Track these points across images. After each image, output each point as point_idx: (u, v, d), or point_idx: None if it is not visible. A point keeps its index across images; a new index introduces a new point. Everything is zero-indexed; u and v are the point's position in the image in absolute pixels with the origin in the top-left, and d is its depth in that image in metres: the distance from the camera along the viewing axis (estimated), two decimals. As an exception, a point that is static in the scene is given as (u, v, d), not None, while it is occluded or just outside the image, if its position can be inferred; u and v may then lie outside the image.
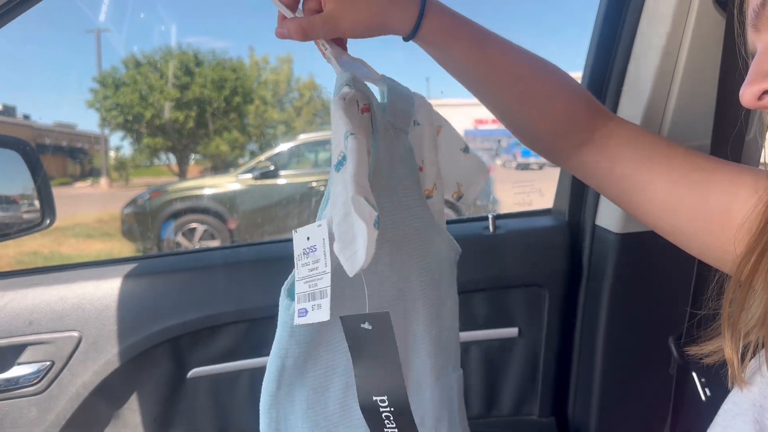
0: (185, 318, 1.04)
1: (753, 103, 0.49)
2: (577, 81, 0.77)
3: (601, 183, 0.74)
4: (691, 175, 0.64)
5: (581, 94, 0.74)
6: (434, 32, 0.68)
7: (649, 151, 0.68)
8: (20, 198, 1.20)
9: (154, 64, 11.29)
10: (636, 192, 0.69)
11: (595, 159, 0.72)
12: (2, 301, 0.98)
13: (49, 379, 0.99)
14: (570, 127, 0.72)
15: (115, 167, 11.41)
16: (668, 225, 0.67)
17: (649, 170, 0.67)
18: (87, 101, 11.02)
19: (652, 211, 0.68)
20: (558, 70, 0.74)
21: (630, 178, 0.69)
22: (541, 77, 0.72)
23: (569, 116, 0.72)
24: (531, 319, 1.20)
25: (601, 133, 0.72)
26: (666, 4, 0.93)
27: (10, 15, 0.78)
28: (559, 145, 0.74)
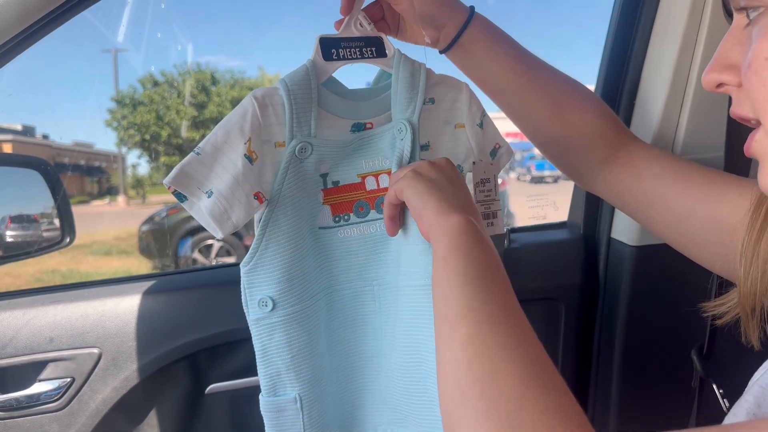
0: (203, 334, 1.05)
1: (711, 89, 0.49)
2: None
3: (623, 198, 0.76)
4: (704, 188, 0.67)
5: (608, 113, 0.77)
6: (479, 35, 0.72)
7: (668, 168, 0.71)
8: (40, 217, 1.23)
9: (171, 83, 11.45)
10: (654, 205, 0.71)
11: (619, 175, 0.75)
12: (24, 318, 1.00)
13: (70, 395, 1.00)
14: (597, 142, 0.75)
15: (133, 185, 11.54)
16: (682, 237, 0.70)
17: (666, 185, 0.70)
18: (105, 121, 11.19)
19: (667, 224, 0.71)
20: (586, 88, 0.77)
21: (650, 193, 0.71)
22: (572, 91, 0.75)
23: (597, 131, 0.75)
24: (548, 333, 1.20)
25: (626, 152, 0.75)
26: (677, 19, 0.94)
27: (29, 41, 0.80)
28: (585, 160, 0.76)
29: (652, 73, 1.01)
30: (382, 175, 0.73)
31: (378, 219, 0.73)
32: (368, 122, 0.72)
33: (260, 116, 0.65)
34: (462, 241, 0.55)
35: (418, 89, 0.71)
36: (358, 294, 0.74)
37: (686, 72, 0.95)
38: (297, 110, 0.66)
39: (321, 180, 0.71)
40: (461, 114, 0.76)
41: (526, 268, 1.17)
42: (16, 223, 1.62)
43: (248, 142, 0.64)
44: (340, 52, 0.70)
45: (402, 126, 0.70)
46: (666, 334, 1.09)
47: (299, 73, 0.67)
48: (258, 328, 0.69)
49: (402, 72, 0.71)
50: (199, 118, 10.96)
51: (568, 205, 1.25)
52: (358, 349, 0.76)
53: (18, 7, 0.70)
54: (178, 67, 11.95)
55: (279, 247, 0.67)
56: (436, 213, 0.58)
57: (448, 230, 0.56)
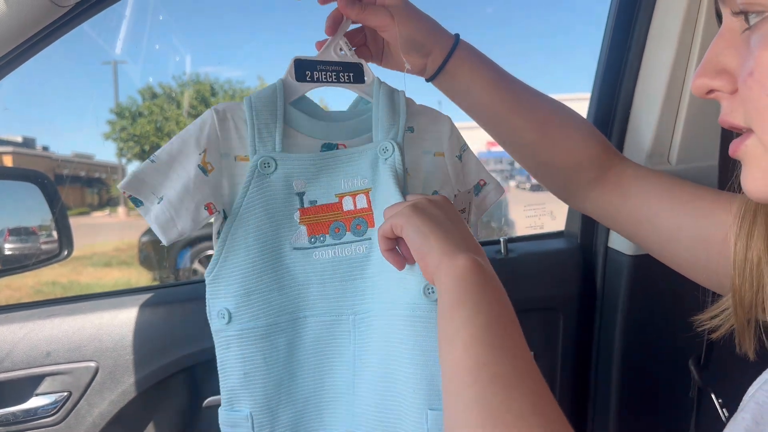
0: (200, 346, 1.04)
1: (701, 95, 0.48)
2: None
3: (612, 218, 0.76)
4: (692, 205, 0.67)
5: (595, 133, 0.78)
6: (466, 61, 0.72)
7: (656, 186, 0.71)
8: (39, 229, 1.23)
9: (170, 94, 11.48)
10: (643, 224, 0.72)
11: (608, 195, 0.75)
12: (21, 332, 1.00)
13: (67, 409, 0.99)
14: (585, 162, 0.75)
15: (133, 196, 11.54)
16: (673, 254, 0.70)
17: (654, 203, 0.70)
18: (104, 133, 11.21)
19: (657, 241, 0.71)
20: (572, 110, 0.77)
21: (639, 211, 0.72)
22: (558, 114, 0.76)
23: (585, 151, 0.75)
24: (546, 343, 1.19)
25: (614, 171, 0.75)
26: (672, 27, 0.94)
27: (29, 53, 0.81)
28: (574, 180, 0.77)
29: (648, 80, 1.01)
30: (359, 195, 0.71)
31: (354, 241, 0.71)
32: (340, 143, 0.72)
33: (218, 129, 0.67)
34: (471, 286, 0.52)
35: (399, 114, 0.71)
36: (333, 322, 0.71)
37: (681, 79, 0.96)
38: (259, 125, 0.67)
39: (298, 199, 0.70)
40: (441, 144, 0.76)
41: (523, 278, 1.17)
42: (14, 235, 1.62)
43: (203, 153, 0.66)
44: (314, 74, 0.70)
45: (388, 145, 0.68)
46: (664, 343, 1.09)
47: (267, 90, 0.69)
48: (217, 339, 0.70)
49: (382, 98, 0.71)
50: (199, 129, 10.97)
51: (565, 214, 1.25)
52: (327, 380, 0.72)
53: (16, 20, 0.70)
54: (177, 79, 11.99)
55: (237, 260, 0.67)
56: (441, 254, 0.55)
57: (456, 274, 0.53)
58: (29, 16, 0.71)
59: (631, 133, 1.06)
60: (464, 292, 0.51)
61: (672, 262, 0.72)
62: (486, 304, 0.50)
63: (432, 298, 0.65)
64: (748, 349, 0.57)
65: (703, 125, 0.96)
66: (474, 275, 0.52)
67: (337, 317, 0.71)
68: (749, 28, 0.42)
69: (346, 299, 0.71)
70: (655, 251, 0.73)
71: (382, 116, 0.70)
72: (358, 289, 0.70)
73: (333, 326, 0.71)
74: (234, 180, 0.68)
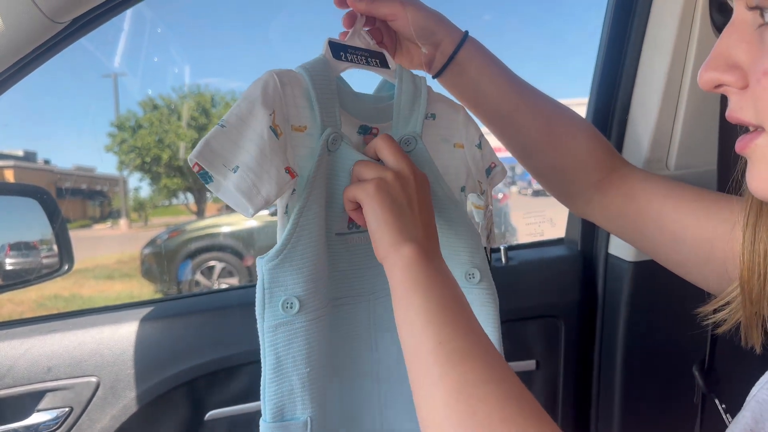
0: (201, 360, 1.04)
1: (709, 89, 0.47)
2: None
3: (615, 221, 0.76)
4: (696, 205, 0.67)
5: (599, 136, 0.78)
6: (472, 58, 0.73)
7: (659, 187, 0.72)
8: (39, 243, 1.23)
9: (171, 106, 11.51)
10: (647, 225, 0.71)
11: (611, 198, 0.75)
12: (22, 348, 1.00)
13: (68, 425, 0.99)
14: (589, 165, 0.75)
15: (134, 208, 11.56)
16: (676, 255, 0.70)
17: (658, 204, 0.70)
18: (105, 145, 11.24)
19: (661, 243, 0.71)
20: (576, 113, 0.78)
21: (642, 212, 0.72)
22: (564, 114, 0.76)
23: (589, 153, 0.76)
24: (548, 350, 1.19)
25: (617, 174, 0.76)
26: (667, 33, 0.94)
27: (26, 70, 0.81)
28: (577, 183, 0.77)
29: (645, 87, 1.02)
30: None
31: None
32: (374, 127, 0.70)
33: (282, 92, 0.60)
34: (418, 275, 0.54)
35: (420, 102, 0.70)
36: (365, 305, 0.71)
37: (678, 84, 0.96)
38: (321, 99, 0.63)
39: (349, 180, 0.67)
40: (459, 134, 0.75)
41: (524, 285, 1.17)
42: (15, 250, 1.62)
43: (272, 114, 0.59)
44: (348, 56, 0.68)
45: (410, 139, 0.69)
46: (666, 349, 1.09)
47: (318, 63, 0.64)
48: (275, 336, 0.61)
49: (405, 84, 0.70)
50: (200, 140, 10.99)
51: (565, 222, 1.25)
52: (358, 366, 0.72)
53: (13, 37, 0.70)
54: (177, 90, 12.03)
55: (309, 241, 0.61)
56: (389, 245, 0.57)
57: (402, 264, 0.55)
58: (26, 33, 0.71)
59: (629, 140, 1.06)
60: (413, 281, 0.54)
61: (676, 264, 0.71)
62: (435, 290, 0.53)
63: (473, 282, 0.69)
64: (756, 343, 0.57)
65: (700, 130, 0.96)
66: (418, 264, 0.54)
67: (371, 301, 0.72)
68: (765, 24, 0.42)
69: (377, 284, 0.71)
70: (659, 253, 0.73)
71: (404, 103, 0.70)
72: (380, 274, 0.68)
73: (365, 309, 0.71)
74: (295, 151, 0.63)
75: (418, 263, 0.55)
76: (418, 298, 0.53)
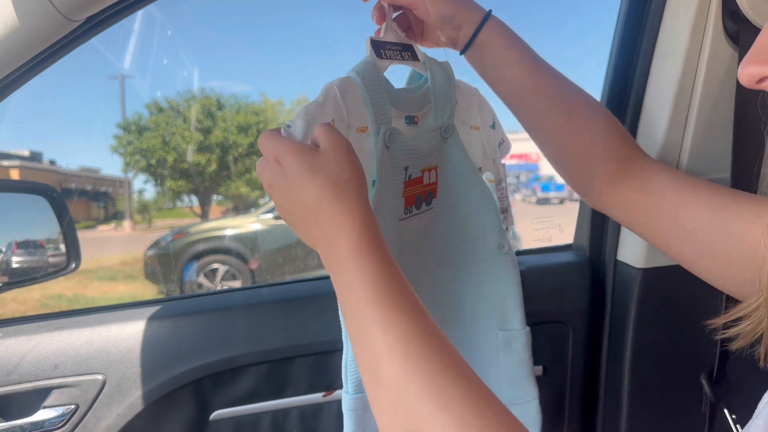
0: (207, 359, 1.04)
1: (751, 84, 0.46)
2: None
3: (631, 213, 0.75)
4: (714, 199, 0.66)
5: (618, 125, 0.78)
6: (495, 35, 0.74)
7: (677, 180, 0.71)
8: (46, 242, 1.23)
9: (177, 108, 11.55)
10: (663, 219, 0.70)
11: (628, 189, 0.74)
12: (29, 344, 1.00)
13: (74, 422, 0.99)
14: (606, 154, 0.75)
15: (139, 210, 11.59)
16: (692, 252, 0.69)
17: (676, 197, 0.69)
18: (111, 146, 11.27)
19: (677, 238, 0.70)
20: (596, 100, 0.78)
21: (659, 205, 0.71)
22: (583, 101, 0.76)
23: (606, 142, 0.75)
24: (555, 357, 1.18)
25: (634, 166, 0.75)
26: (678, 41, 0.94)
27: (40, 67, 0.81)
28: (594, 172, 0.76)
29: (656, 93, 1.01)
30: (432, 171, 0.77)
31: (426, 210, 0.78)
32: (416, 115, 0.75)
33: (341, 100, 0.66)
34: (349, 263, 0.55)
35: (452, 89, 0.76)
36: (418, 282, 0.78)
37: (689, 93, 0.95)
38: (374, 100, 0.68)
39: (404, 172, 0.73)
40: (475, 117, 0.81)
41: (531, 291, 1.16)
42: (22, 248, 1.62)
43: (332, 123, 0.65)
44: (386, 53, 0.72)
45: (449, 127, 0.75)
46: (674, 357, 1.08)
47: (368, 65, 0.69)
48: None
49: (436, 72, 0.75)
50: (205, 143, 11.03)
51: (573, 228, 1.24)
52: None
53: (28, 35, 0.71)
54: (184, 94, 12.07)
55: (387, 233, 0.66)
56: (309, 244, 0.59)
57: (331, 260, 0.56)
58: (41, 30, 0.71)
59: (640, 146, 1.05)
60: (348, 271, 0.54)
61: (689, 260, 0.70)
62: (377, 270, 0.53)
63: (503, 251, 0.82)
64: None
65: (712, 138, 0.96)
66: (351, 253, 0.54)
67: (419, 275, 0.79)
68: None
69: (427, 260, 0.80)
70: (672, 249, 0.72)
71: (439, 90, 0.75)
72: (435, 249, 0.80)
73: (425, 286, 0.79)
74: (361, 152, 0.67)
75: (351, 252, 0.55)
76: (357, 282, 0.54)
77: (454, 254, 0.82)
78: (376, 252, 0.54)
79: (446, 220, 0.80)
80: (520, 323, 0.85)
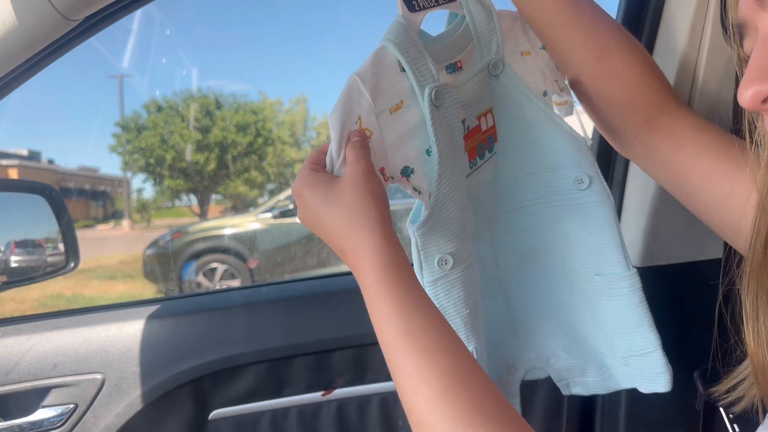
0: (206, 359, 1.04)
1: (754, 106, 0.44)
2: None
3: (660, 168, 0.72)
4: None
5: (656, 70, 0.73)
6: None
7: (712, 142, 0.67)
8: (45, 241, 1.23)
9: (176, 107, 11.53)
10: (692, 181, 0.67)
11: (658, 144, 0.70)
12: (28, 344, 1.00)
13: (73, 421, 0.99)
14: (639, 101, 0.70)
15: (137, 209, 11.57)
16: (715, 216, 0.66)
17: (708, 161, 0.66)
18: (110, 145, 11.25)
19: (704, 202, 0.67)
20: (635, 40, 0.72)
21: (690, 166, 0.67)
22: (620, 39, 0.70)
23: (641, 88, 0.70)
24: (553, 355, 1.19)
25: (669, 117, 0.70)
26: (677, 40, 0.94)
27: (38, 66, 0.81)
28: (625, 118, 0.72)
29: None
30: (488, 115, 0.73)
31: (491, 157, 0.74)
32: (458, 60, 0.71)
33: (366, 91, 0.62)
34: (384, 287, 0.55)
35: (494, 22, 0.70)
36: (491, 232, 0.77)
37: (687, 92, 0.96)
38: (412, 62, 0.64)
39: (462, 127, 0.69)
40: (522, 42, 0.76)
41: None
42: (21, 248, 1.62)
43: (359, 121, 0.62)
44: (419, 2, 0.67)
45: (498, 63, 0.70)
46: (670, 355, 1.08)
47: (398, 29, 0.64)
48: (435, 289, 0.67)
49: (474, 9, 0.69)
50: (204, 142, 11.02)
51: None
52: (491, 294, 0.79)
53: (27, 34, 0.71)
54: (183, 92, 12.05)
55: (453, 201, 0.65)
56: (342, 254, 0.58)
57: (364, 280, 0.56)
58: (40, 29, 0.71)
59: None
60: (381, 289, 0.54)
61: (716, 226, 0.67)
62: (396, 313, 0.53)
63: (582, 188, 0.73)
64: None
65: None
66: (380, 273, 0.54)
67: (492, 223, 0.77)
68: None
69: (499, 207, 0.77)
70: (700, 213, 0.68)
71: (479, 26, 0.70)
72: (506, 193, 0.76)
73: (489, 237, 0.77)
74: (402, 130, 0.65)
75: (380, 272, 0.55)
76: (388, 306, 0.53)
77: (530, 193, 0.76)
78: (393, 293, 0.54)
79: (514, 161, 0.75)
80: (622, 267, 0.76)
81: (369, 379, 1.10)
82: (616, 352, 0.79)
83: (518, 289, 0.81)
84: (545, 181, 0.75)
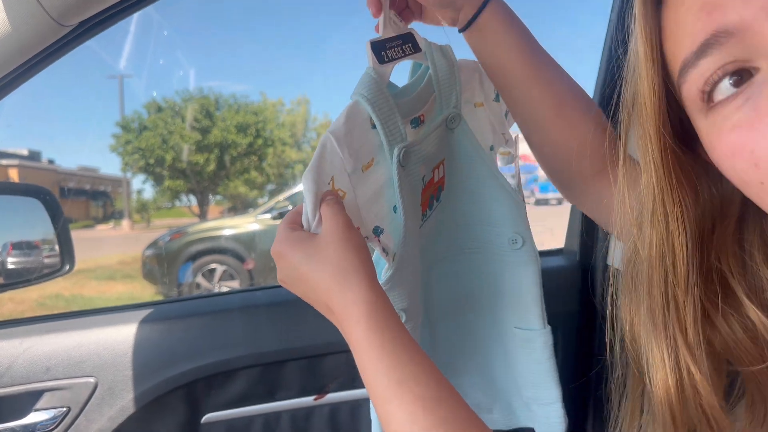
0: (200, 363, 1.05)
1: None
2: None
3: (608, 217, 0.73)
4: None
5: (607, 125, 0.73)
6: (495, 19, 0.70)
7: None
8: (41, 243, 1.24)
9: (175, 108, 11.54)
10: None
11: (604, 189, 0.72)
12: (21, 347, 1.00)
13: (65, 425, 0.99)
14: (593, 152, 0.72)
15: (137, 209, 11.58)
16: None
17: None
18: (110, 146, 11.27)
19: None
20: (589, 97, 0.75)
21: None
22: (576, 95, 0.73)
23: (594, 140, 0.72)
24: (546, 360, 1.19)
25: (620, 170, 0.69)
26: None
27: (32, 72, 0.82)
28: (578, 169, 0.74)
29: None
30: (440, 166, 0.74)
31: (436, 207, 0.76)
32: (421, 114, 0.71)
33: (339, 150, 0.60)
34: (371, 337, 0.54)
35: (455, 75, 0.72)
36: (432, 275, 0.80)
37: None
38: (384, 120, 0.63)
39: (422, 182, 0.70)
40: (477, 93, 0.77)
41: (523, 295, 1.17)
42: (17, 249, 1.62)
43: (331, 181, 0.61)
44: (388, 53, 0.67)
45: (455, 116, 0.72)
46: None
47: (370, 83, 0.63)
48: None
49: (438, 60, 0.71)
50: (204, 143, 11.03)
51: (564, 232, 1.25)
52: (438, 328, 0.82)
53: (20, 40, 0.71)
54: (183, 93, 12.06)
55: (411, 260, 0.66)
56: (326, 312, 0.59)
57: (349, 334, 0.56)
58: (33, 35, 0.72)
59: (629, 150, 1.06)
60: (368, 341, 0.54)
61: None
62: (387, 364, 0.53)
63: (516, 247, 0.76)
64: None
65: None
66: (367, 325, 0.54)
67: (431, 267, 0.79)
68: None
69: (438, 252, 0.79)
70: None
71: (442, 79, 0.71)
72: (447, 239, 0.79)
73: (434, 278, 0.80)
74: (373, 188, 0.65)
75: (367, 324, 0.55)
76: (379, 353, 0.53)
77: (470, 241, 0.79)
78: (382, 344, 0.53)
79: (458, 210, 0.78)
80: (538, 323, 0.80)
81: (361, 383, 1.10)
82: (521, 396, 0.83)
83: (446, 332, 0.83)
84: (484, 233, 0.78)
